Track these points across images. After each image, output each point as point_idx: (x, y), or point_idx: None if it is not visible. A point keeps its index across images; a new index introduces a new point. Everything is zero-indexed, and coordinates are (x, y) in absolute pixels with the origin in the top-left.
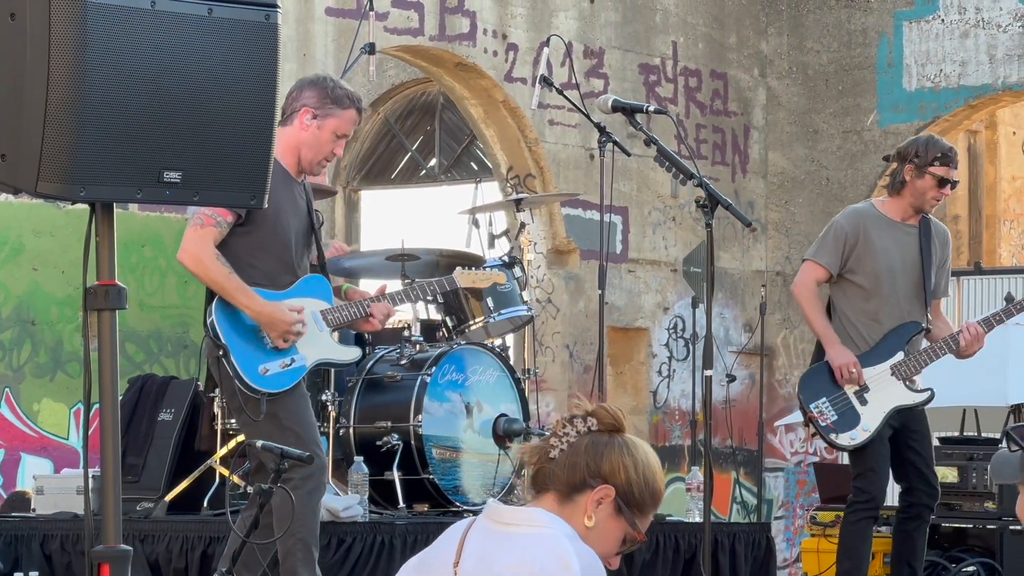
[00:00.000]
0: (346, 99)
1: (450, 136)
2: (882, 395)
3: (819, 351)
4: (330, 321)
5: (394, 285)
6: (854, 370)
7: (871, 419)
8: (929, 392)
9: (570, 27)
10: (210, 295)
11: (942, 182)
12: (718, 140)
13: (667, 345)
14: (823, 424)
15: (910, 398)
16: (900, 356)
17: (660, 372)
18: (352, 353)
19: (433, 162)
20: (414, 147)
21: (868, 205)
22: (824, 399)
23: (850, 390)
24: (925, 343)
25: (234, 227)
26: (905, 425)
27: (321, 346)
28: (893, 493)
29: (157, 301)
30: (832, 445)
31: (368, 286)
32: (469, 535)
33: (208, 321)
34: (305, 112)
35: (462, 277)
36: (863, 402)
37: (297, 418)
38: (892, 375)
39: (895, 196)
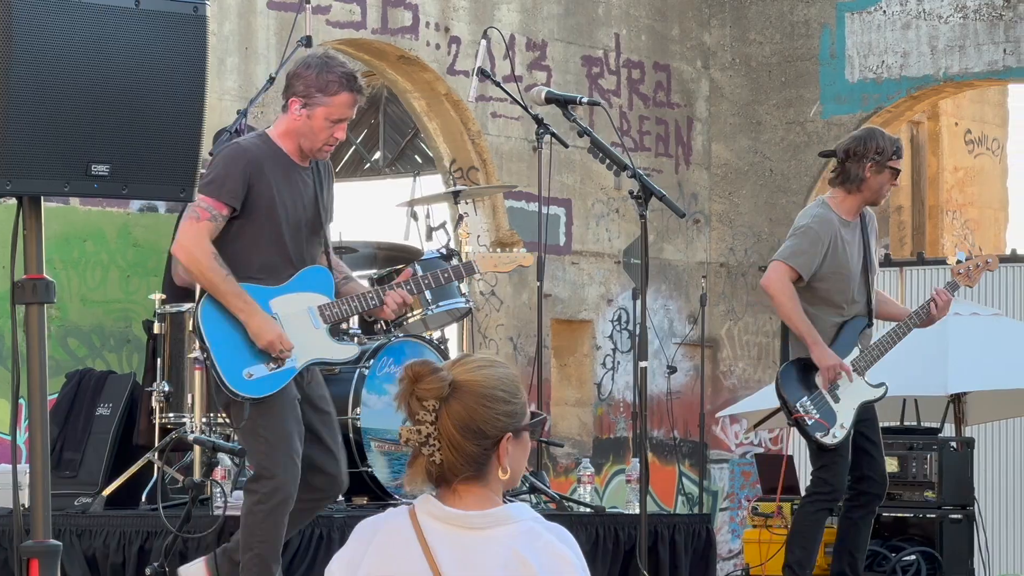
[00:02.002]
0: (334, 84)
1: (394, 129)
2: (850, 391)
3: (786, 347)
4: (327, 317)
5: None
6: (842, 371)
7: (846, 416)
8: (884, 387)
9: (512, 19)
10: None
11: (895, 174)
12: (661, 132)
13: (611, 337)
14: (810, 422)
15: (872, 393)
16: (856, 352)
17: (604, 364)
18: (348, 351)
19: (377, 155)
20: (358, 140)
21: (827, 209)
22: (806, 397)
23: (824, 388)
24: (876, 334)
25: (230, 219)
26: (859, 413)
27: (314, 345)
28: None
29: (99, 296)
30: (817, 443)
31: None
32: (434, 547)
33: (193, 318)
34: (294, 102)
35: (483, 261)
36: (836, 399)
37: (273, 426)
38: (854, 370)
39: (852, 193)
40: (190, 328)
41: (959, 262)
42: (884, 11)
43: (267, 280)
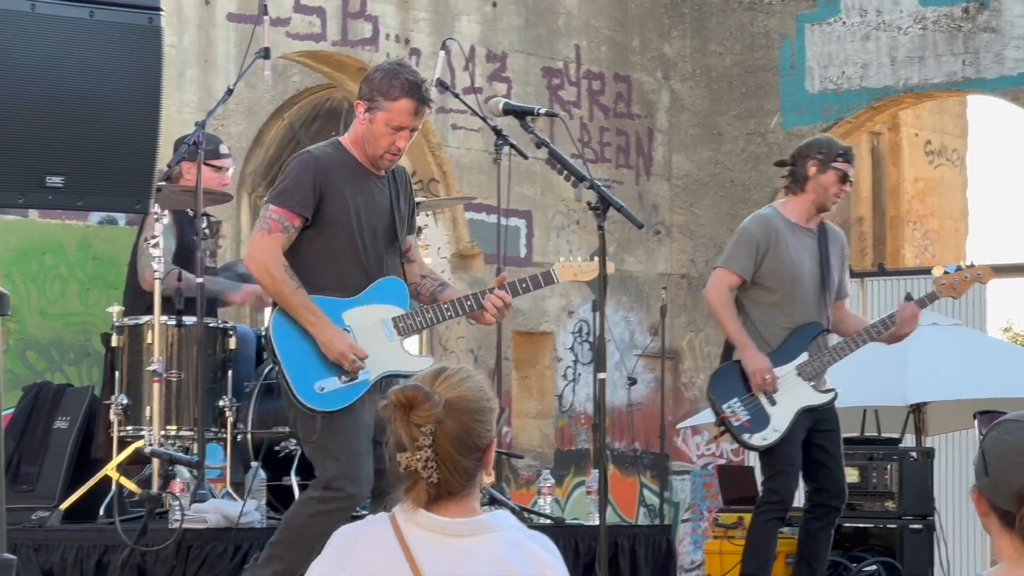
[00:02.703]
0: (396, 89)
1: None
2: (790, 396)
3: (727, 353)
4: (402, 329)
5: None
6: (768, 376)
7: (780, 420)
8: (833, 392)
9: (473, 31)
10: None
11: (844, 178)
12: (622, 143)
13: (572, 349)
14: (736, 424)
15: (816, 398)
16: (804, 356)
17: (565, 376)
18: (423, 362)
19: None
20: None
21: (773, 211)
22: (736, 399)
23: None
24: (832, 341)
25: (302, 230)
26: (817, 424)
27: (388, 357)
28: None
29: (59, 309)
30: (744, 445)
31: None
32: (418, 555)
33: (265, 331)
34: (359, 105)
35: (563, 271)
36: (772, 403)
37: (343, 441)
38: (798, 375)
39: (798, 195)
40: (149, 340)
41: (946, 273)
42: (844, 22)
43: (340, 292)
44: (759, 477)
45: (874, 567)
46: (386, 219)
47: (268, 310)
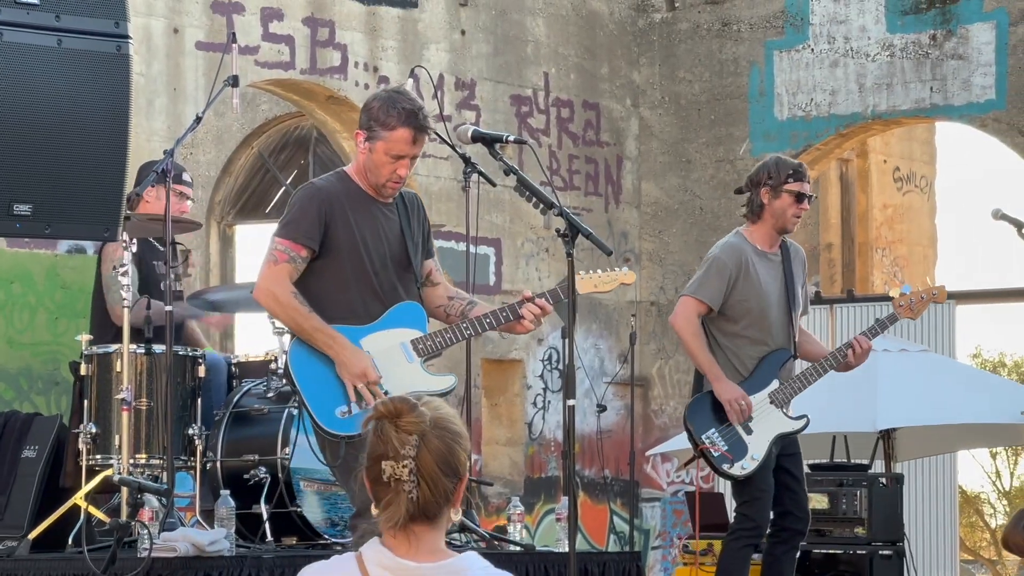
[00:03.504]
0: (393, 118)
1: (324, 170)
2: (764, 423)
3: (698, 381)
4: (420, 350)
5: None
6: (743, 403)
7: (757, 448)
8: (805, 419)
9: (441, 59)
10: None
11: (799, 197)
12: (591, 170)
13: (542, 376)
14: (716, 454)
15: (789, 425)
16: (775, 384)
17: (535, 403)
18: (446, 382)
19: None
20: (288, 181)
21: (740, 238)
22: (713, 430)
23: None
24: (798, 368)
25: (311, 262)
26: (782, 448)
27: (409, 378)
28: None
29: (27, 338)
30: (724, 475)
31: (241, 319)
32: None
33: (285, 362)
34: (358, 135)
35: (582, 283)
36: (748, 431)
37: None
38: (771, 403)
39: (757, 223)
40: (118, 369)
41: (903, 294)
42: (812, 49)
43: (355, 320)
44: (730, 504)
45: None
46: (396, 245)
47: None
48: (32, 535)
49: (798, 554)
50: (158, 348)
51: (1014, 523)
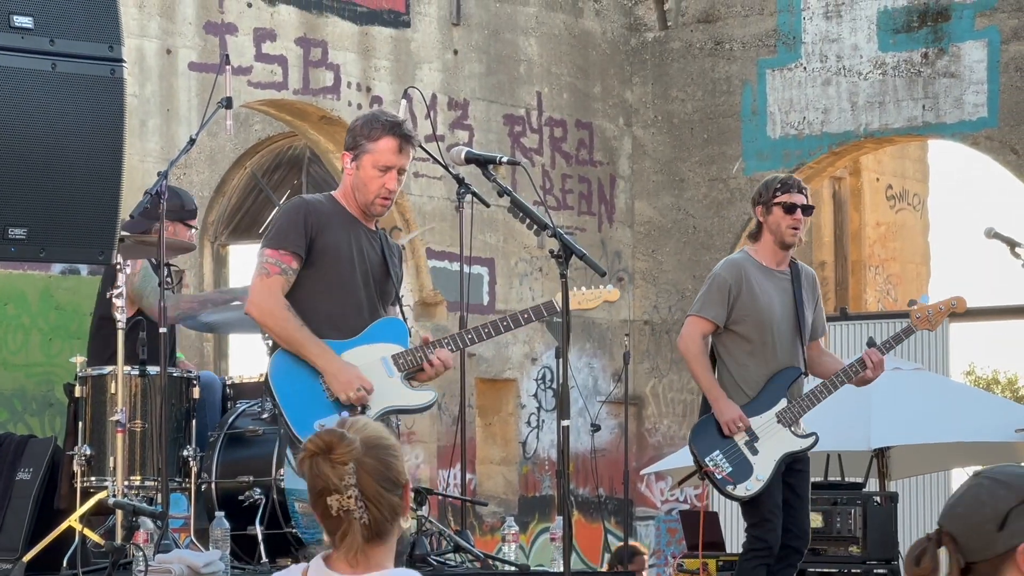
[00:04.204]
0: (376, 130)
1: (317, 190)
2: (771, 443)
3: (706, 403)
4: (401, 365)
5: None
6: (740, 424)
7: (763, 468)
8: (814, 436)
9: (434, 79)
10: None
11: (789, 208)
12: (584, 190)
13: (536, 396)
14: (719, 477)
15: (797, 444)
16: (784, 403)
17: (529, 423)
18: (426, 396)
19: None
20: (281, 201)
21: (743, 255)
22: (717, 451)
23: (740, 440)
24: (810, 385)
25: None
26: (789, 466)
27: (390, 393)
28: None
29: (21, 359)
30: (729, 497)
31: (236, 340)
32: None
33: (265, 374)
34: (345, 156)
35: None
36: (754, 452)
37: None
38: (778, 422)
39: (760, 241)
40: (112, 391)
41: (920, 306)
42: (804, 68)
43: (338, 333)
44: (724, 523)
45: None
46: (379, 269)
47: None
48: (27, 558)
49: (795, 572)
50: (152, 370)
51: (907, 560)
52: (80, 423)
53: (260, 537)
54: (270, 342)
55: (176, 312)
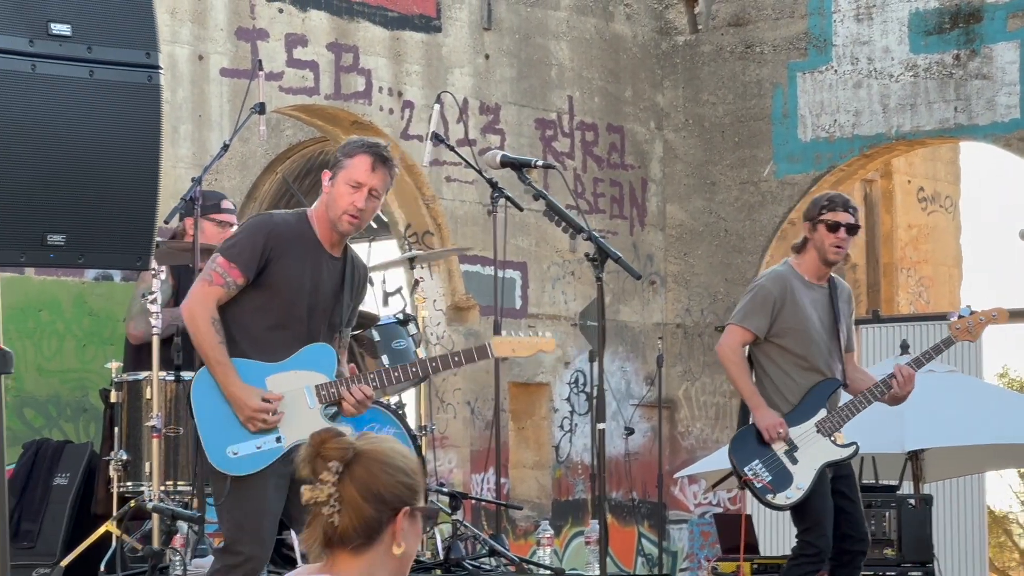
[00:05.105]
0: (355, 147)
1: None
2: (810, 452)
3: (744, 412)
4: (323, 397)
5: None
6: (781, 430)
7: (803, 477)
8: (854, 446)
9: (466, 83)
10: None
11: (833, 226)
12: (616, 193)
13: (568, 400)
14: (758, 486)
15: (837, 453)
16: (823, 413)
17: (562, 427)
18: (343, 429)
19: None
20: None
21: (788, 267)
22: (757, 461)
23: (780, 450)
24: (845, 397)
25: (245, 290)
26: (836, 471)
27: (308, 424)
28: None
29: (56, 365)
30: (769, 506)
31: None
32: None
33: (190, 388)
34: (325, 174)
35: (499, 346)
36: (793, 461)
37: (247, 506)
38: (817, 432)
39: (803, 254)
40: (148, 396)
41: (960, 317)
42: (835, 70)
43: (267, 357)
44: (757, 526)
45: None
46: (329, 301)
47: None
48: (64, 562)
49: (859, 574)
50: (187, 375)
51: None
52: (116, 428)
53: (296, 543)
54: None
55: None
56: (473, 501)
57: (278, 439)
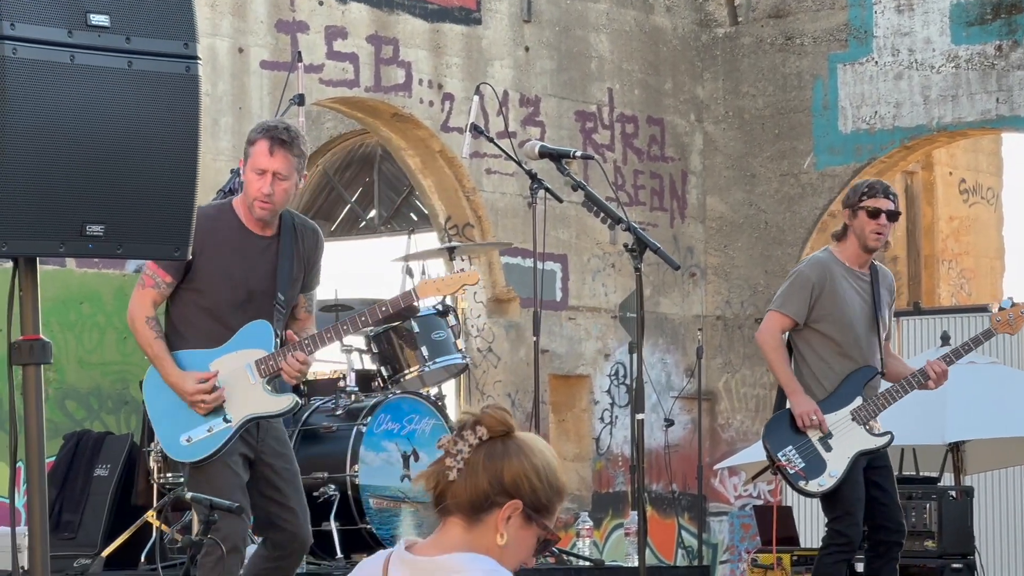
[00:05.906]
0: (255, 133)
1: (389, 187)
2: (845, 440)
3: (780, 399)
4: (263, 370)
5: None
6: (815, 417)
7: (836, 465)
8: (889, 435)
9: (506, 76)
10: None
11: (873, 213)
12: (656, 186)
13: (609, 391)
14: (791, 472)
15: (872, 442)
16: (859, 401)
17: (603, 419)
18: (283, 402)
19: (372, 213)
20: (353, 199)
21: (828, 254)
22: (791, 447)
23: (814, 437)
24: (884, 385)
25: (179, 287)
26: (870, 462)
27: (251, 400)
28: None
29: (97, 358)
30: (801, 492)
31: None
32: (390, 571)
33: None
34: (240, 163)
35: (424, 288)
36: (827, 448)
37: (210, 489)
38: (852, 420)
39: (844, 241)
40: None
41: (1001, 309)
42: (876, 62)
43: (210, 345)
44: (798, 518)
45: None
46: (265, 281)
47: None
48: (105, 553)
49: (898, 564)
50: None
51: None
52: None
53: (335, 533)
54: (344, 339)
55: None
56: None
57: (226, 419)
